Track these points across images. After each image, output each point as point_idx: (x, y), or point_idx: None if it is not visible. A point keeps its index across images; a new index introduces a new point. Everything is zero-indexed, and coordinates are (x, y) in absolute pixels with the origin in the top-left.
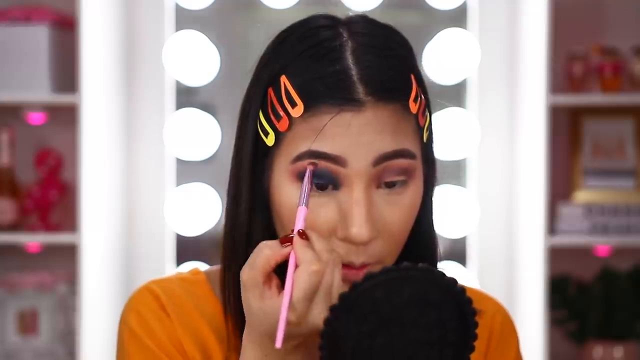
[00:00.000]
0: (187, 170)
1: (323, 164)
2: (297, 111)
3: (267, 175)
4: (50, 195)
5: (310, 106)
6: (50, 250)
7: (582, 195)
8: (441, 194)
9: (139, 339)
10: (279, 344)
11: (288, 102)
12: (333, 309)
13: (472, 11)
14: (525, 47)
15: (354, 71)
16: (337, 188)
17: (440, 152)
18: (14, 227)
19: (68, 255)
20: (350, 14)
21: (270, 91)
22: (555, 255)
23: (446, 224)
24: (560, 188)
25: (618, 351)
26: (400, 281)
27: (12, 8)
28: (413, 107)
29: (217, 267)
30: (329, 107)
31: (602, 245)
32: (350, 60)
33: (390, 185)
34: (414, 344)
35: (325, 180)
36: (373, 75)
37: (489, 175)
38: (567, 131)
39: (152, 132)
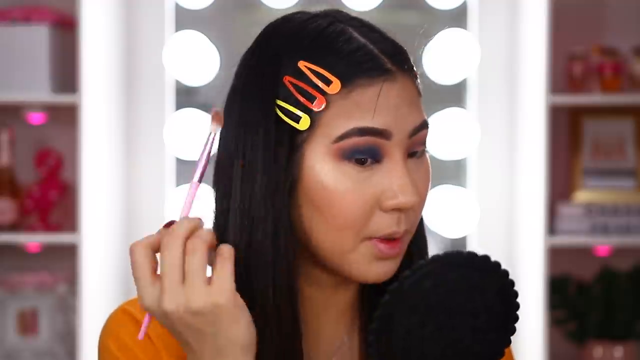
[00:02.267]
0: (187, 170)
1: (369, 139)
2: (333, 88)
3: (297, 162)
4: (50, 195)
5: (347, 82)
6: (50, 250)
7: (582, 195)
8: (441, 194)
9: None
10: (140, 335)
11: (321, 81)
12: (383, 304)
13: (472, 11)
14: (525, 47)
15: (371, 46)
16: (378, 161)
17: (441, 152)
18: (14, 227)
19: (68, 255)
20: (317, 9)
21: (289, 79)
22: (555, 255)
23: (446, 224)
24: (560, 188)
25: (618, 351)
26: (446, 269)
27: (12, 8)
28: (418, 80)
29: None
30: (367, 80)
31: (602, 245)
32: (361, 38)
33: (412, 154)
34: (460, 330)
35: (368, 155)
36: (387, 47)
37: (489, 175)
38: (567, 131)
39: (152, 132)
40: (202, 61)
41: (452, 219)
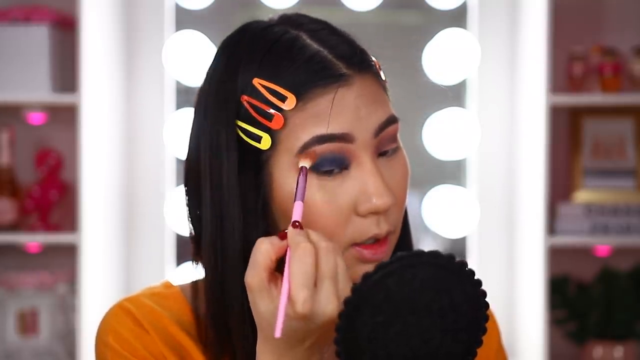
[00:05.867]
0: None
1: (330, 146)
2: (289, 103)
3: (265, 181)
4: (50, 195)
5: (302, 94)
6: (50, 250)
7: (582, 195)
8: (441, 194)
9: (124, 358)
10: (277, 333)
11: (276, 98)
12: (347, 302)
13: (472, 11)
14: (525, 47)
15: (325, 53)
16: (346, 167)
17: (441, 152)
18: (14, 227)
19: (68, 255)
20: (271, 15)
21: (246, 98)
22: (555, 255)
23: (446, 224)
24: (560, 188)
25: (618, 351)
26: (411, 268)
27: (12, 8)
28: (380, 74)
29: (191, 282)
30: (321, 89)
31: (602, 245)
32: (315, 45)
33: (383, 153)
34: (428, 331)
35: (335, 164)
36: (345, 51)
37: (489, 175)
38: (567, 131)
39: (152, 132)
40: (202, 61)
41: (452, 219)
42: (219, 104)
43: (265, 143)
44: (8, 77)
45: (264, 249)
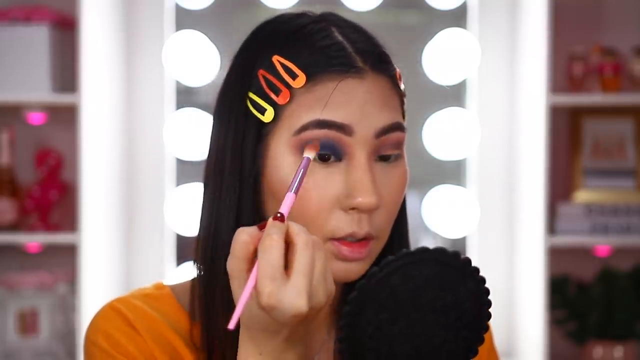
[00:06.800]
0: (187, 170)
1: (328, 133)
2: (298, 82)
3: (261, 153)
4: (50, 195)
5: (313, 76)
6: (50, 250)
7: (582, 195)
8: (441, 194)
9: (113, 358)
10: (232, 324)
11: (288, 75)
12: (352, 300)
13: (472, 11)
14: (525, 47)
15: (347, 44)
16: (340, 159)
17: (441, 152)
18: (14, 227)
19: (68, 255)
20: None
21: (262, 72)
22: (555, 255)
23: (446, 224)
24: (560, 188)
25: (618, 351)
26: (415, 265)
27: (12, 8)
28: (400, 83)
29: (182, 283)
30: (332, 75)
31: (602, 245)
32: (340, 37)
33: (385, 158)
34: (431, 328)
35: (330, 151)
36: (365, 48)
37: (489, 175)
38: (567, 131)
39: (152, 132)
40: (202, 61)
41: (452, 219)
42: (235, 77)
43: (269, 116)
44: (8, 77)
45: (242, 240)
